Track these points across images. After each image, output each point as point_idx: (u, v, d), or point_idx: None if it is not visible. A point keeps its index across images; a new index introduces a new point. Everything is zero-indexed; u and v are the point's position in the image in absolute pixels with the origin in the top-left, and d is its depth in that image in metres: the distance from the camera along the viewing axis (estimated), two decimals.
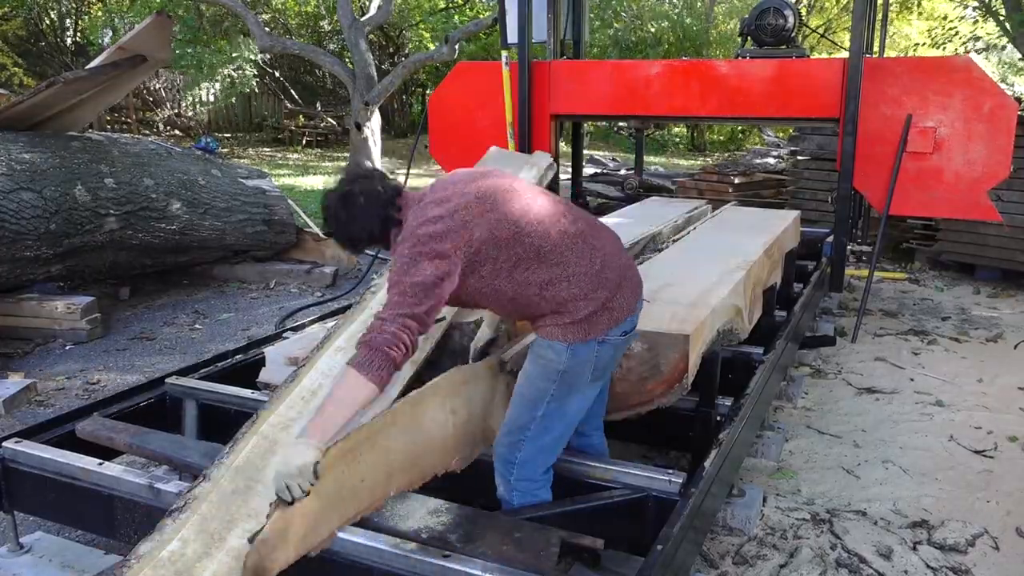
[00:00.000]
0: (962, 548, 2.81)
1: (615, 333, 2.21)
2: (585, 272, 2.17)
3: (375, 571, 1.99)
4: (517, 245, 2.13)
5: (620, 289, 2.22)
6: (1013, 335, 5.31)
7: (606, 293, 2.18)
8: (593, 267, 2.19)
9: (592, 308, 2.16)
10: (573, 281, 2.15)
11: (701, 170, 10.27)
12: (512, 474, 2.29)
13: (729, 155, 17.80)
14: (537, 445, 2.27)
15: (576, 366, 2.19)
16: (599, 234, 2.29)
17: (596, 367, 2.23)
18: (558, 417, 2.26)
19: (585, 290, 2.16)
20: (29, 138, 5.14)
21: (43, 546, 2.64)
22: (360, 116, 13.81)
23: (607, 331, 2.19)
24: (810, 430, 3.81)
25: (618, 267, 2.25)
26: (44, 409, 3.99)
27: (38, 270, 5.02)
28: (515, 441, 2.27)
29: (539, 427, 2.26)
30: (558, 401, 2.24)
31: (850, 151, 4.96)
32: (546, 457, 2.32)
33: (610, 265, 2.23)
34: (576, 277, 2.16)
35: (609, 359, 2.27)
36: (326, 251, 6.90)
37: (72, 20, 19.69)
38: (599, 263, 2.20)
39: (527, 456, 2.28)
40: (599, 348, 2.20)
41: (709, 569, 2.68)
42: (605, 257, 2.23)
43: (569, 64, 5.92)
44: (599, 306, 2.17)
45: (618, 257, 2.28)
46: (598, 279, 2.18)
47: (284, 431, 2.28)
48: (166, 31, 5.52)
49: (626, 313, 2.24)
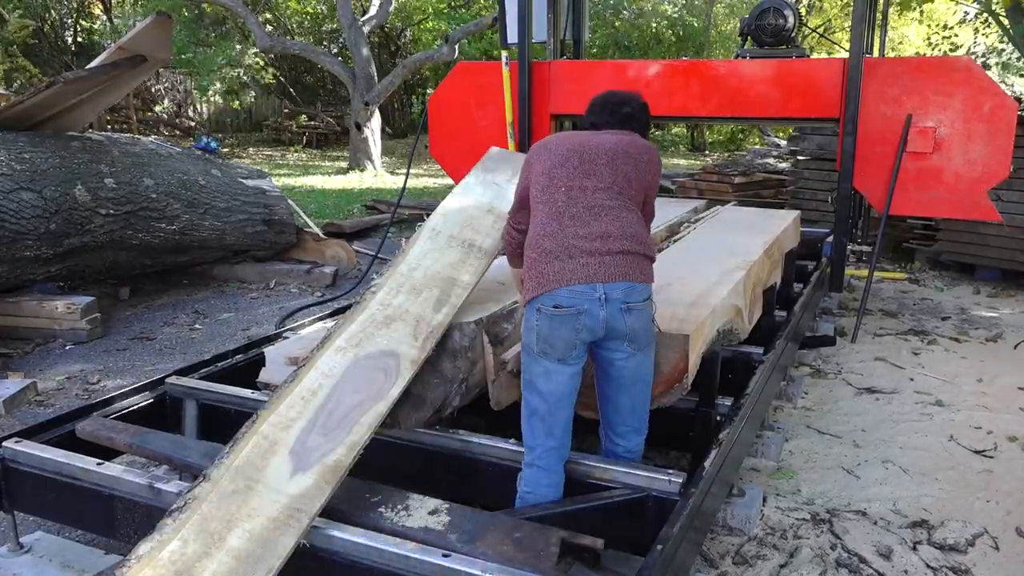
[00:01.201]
0: (962, 548, 2.81)
1: (546, 303, 2.30)
2: (534, 233, 2.41)
3: (375, 571, 1.99)
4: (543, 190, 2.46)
5: (556, 260, 2.33)
6: (1013, 335, 5.31)
7: (533, 255, 2.37)
8: (539, 232, 2.40)
9: (527, 267, 2.39)
10: (529, 237, 2.43)
11: (701, 170, 10.27)
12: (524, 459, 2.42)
13: (729, 155, 17.80)
14: (526, 422, 2.41)
15: (526, 330, 2.36)
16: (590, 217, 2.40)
17: (539, 336, 2.31)
18: (531, 390, 2.38)
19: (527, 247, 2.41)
20: (29, 138, 5.14)
21: (43, 546, 2.64)
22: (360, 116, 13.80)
23: (538, 296, 2.31)
24: (810, 430, 3.81)
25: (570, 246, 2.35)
26: (44, 409, 3.99)
27: (38, 270, 5.02)
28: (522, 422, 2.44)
29: (523, 402, 2.41)
30: (527, 371, 2.38)
31: (850, 151, 4.96)
32: (537, 437, 2.37)
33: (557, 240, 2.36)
34: (531, 234, 2.42)
35: (548, 331, 2.30)
36: (326, 251, 6.91)
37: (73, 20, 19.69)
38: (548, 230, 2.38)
39: (523, 434, 2.42)
40: (538, 316, 2.32)
41: (709, 569, 2.67)
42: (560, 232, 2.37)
43: (569, 64, 5.92)
44: (529, 266, 2.38)
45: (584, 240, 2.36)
46: (534, 243, 2.39)
47: (284, 431, 2.28)
48: (166, 31, 5.51)
49: (556, 284, 2.30)
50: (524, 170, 2.58)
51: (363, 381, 2.41)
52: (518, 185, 2.61)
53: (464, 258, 2.78)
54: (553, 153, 2.50)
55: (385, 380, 2.42)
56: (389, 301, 2.67)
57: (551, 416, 2.36)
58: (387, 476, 2.43)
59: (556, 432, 2.37)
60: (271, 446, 2.23)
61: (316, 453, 2.21)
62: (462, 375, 2.57)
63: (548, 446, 2.36)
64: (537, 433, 2.37)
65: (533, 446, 2.38)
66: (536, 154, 2.55)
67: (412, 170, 6.31)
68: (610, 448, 2.57)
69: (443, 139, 6.08)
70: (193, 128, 19.21)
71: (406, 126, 22.33)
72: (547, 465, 2.37)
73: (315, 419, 2.31)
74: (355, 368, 2.46)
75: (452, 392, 2.55)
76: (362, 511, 2.19)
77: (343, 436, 2.26)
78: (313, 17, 20.73)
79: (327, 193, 11.51)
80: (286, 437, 2.26)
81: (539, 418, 2.36)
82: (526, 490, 2.39)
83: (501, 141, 5.59)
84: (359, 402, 2.36)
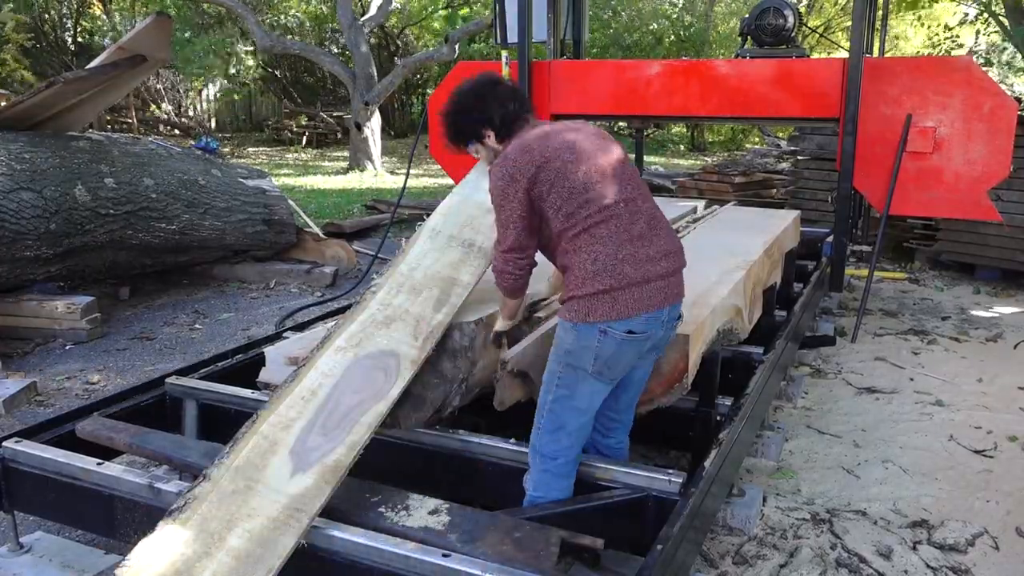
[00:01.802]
0: (962, 548, 2.81)
1: (618, 328, 2.19)
2: (604, 256, 2.20)
3: (375, 571, 1.99)
4: (574, 203, 2.23)
5: (635, 287, 2.20)
6: (1013, 335, 5.31)
7: (612, 282, 2.18)
8: (616, 256, 2.20)
9: (591, 290, 2.19)
10: (589, 259, 2.21)
11: (701, 170, 10.27)
12: (536, 460, 2.35)
13: (729, 155, 17.80)
14: (551, 434, 2.31)
15: (578, 349, 2.22)
16: (650, 234, 2.29)
17: (598, 358, 2.22)
18: (566, 403, 2.28)
19: (593, 272, 2.19)
20: (29, 138, 5.14)
21: (43, 546, 2.64)
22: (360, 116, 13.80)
23: (608, 321, 2.18)
24: (810, 430, 3.81)
25: (646, 270, 2.23)
26: (44, 409, 3.99)
27: (38, 270, 5.02)
28: (537, 429, 2.35)
29: (551, 415, 2.30)
30: (566, 387, 2.27)
31: (850, 151, 4.95)
32: (562, 449, 2.32)
33: (636, 263, 2.22)
34: (593, 256, 2.20)
35: (613, 355, 2.23)
36: (326, 251, 6.91)
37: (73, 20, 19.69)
38: (623, 255, 2.21)
39: (542, 443, 2.32)
40: (601, 338, 2.20)
41: (709, 569, 2.68)
42: (636, 254, 2.22)
43: (569, 64, 5.92)
44: (599, 291, 2.18)
45: (656, 263, 2.25)
46: (612, 268, 2.20)
47: (284, 431, 2.28)
48: (166, 31, 5.52)
49: (634, 311, 2.20)
50: (514, 189, 2.25)
51: (363, 381, 2.41)
52: (508, 210, 2.28)
53: (464, 258, 2.78)
54: (561, 160, 2.25)
55: (385, 380, 2.42)
56: (389, 301, 2.67)
57: (583, 429, 2.36)
58: (387, 476, 2.43)
59: (581, 441, 2.38)
60: (271, 446, 2.23)
61: (316, 453, 2.21)
62: (462, 375, 2.57)
63: (572, 456, 2.36)
64: (562, 446, 2.33)
65: (555, 455, 2.33)
66: (529, 166, 2.24)
67: (412, 170, 6.30)
68: (599, 441, 2.58)
69: (443, 139, 6.07)
70: (193, 128, 19.22)
71: (406, 126, 22.33)
72: (568, 472, 2.37)
73: (315, 419, 2.31)
74: (355, 368, 2.46)
75: (452, 392, 2.55)
76: (362, 511, 2.19)
77: (343, 436, 2.26)
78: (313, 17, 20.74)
79: (327, 193, 11.51)
80: (286, 437, 2.26)
81: (568, 433, 2.32)
82: (537, 494, 2.36)
83: None
84: (359, 402, 2.36)
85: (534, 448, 2.36)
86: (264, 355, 3.11)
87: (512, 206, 2.28)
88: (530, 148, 2.27)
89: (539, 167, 2.24)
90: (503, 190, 2.28)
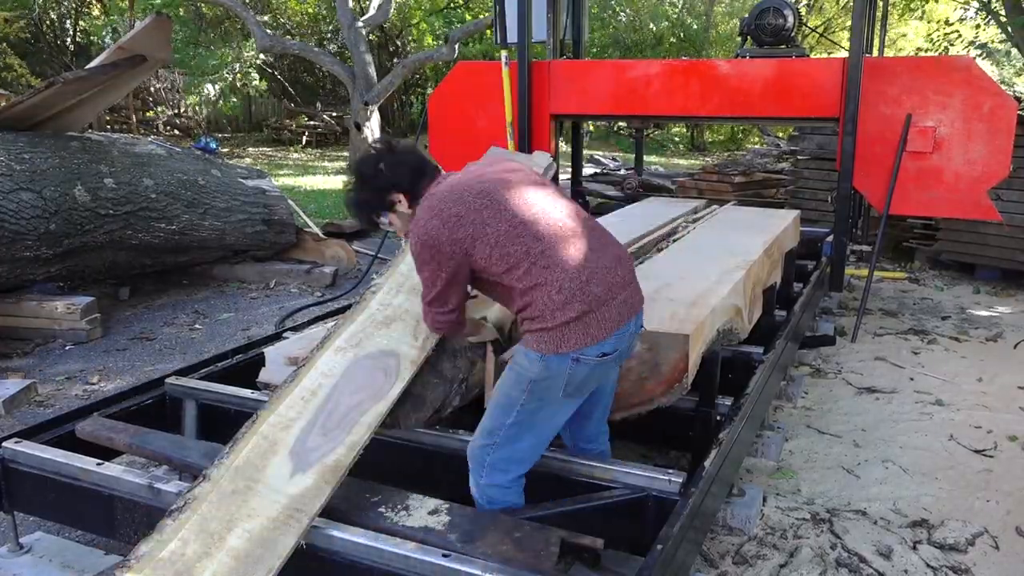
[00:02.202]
0: (962, 548, 2.81)
1: (591, 353, 2.12)
2: (568, 281, 2.10)
3: (375, 571, 1.99)
4: (509, 244, 2.12)
5: (604, 306, 2.13)
6: (1013, 335, 5.31)
7: (583, 307, 2.09)
8: (579, 278, 2.11)
9: (564, 319, 2.09)
10: (554, 288, 2.09)
11: (701, 170, 10.26)
12: (482, 477, 2.27)
13: (729, 155, 17.80)
14: (506, 453, 2.24)
15: (547, 379, 2.14)
16: (600, 246, 2.22)
17: (569, 384, 2.15)
18: (527, 427, 2.21)
19: (562, 301, 2.09)
20: (29, 138, 5.14)
21: (43, 546, 2.64)
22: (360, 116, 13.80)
23: (581, 348, 2.10)
24: (810, 430, 3.81)
25: (610, 284, 2.16)
26: (44, 409, 3.99)
27: (38, 270, 5.02)
28: (486, 444, 2.25)
29: (507, 435, 2.22)
30: (528, 412, 2.19)
31: (850, 151, 4.96)
32: (516, 466, 2.27)
33: (600, 280, 2.14)
34: (557, 285, 2.09)
35: (585, 378, 2.17)
36: (326, 251, 6.91)
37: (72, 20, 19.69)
38: (586, 275, 2.12)
39: (495, 461, 2.25)
40: (573, 366, 2.12)
41: (709, 569, 2.68)
42: (597, 270, 2.14)
43: (569, 64, 5.92)
44: (572, 319, 2.09)
45: (613, 273, 2.19)
46: (580, 291, 2.10)
47: (284, 431, 2.28)
48: (166, 31, 5.52)
49: (606, 333, 2.13)
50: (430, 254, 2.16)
51: (363, 381, 2.41)
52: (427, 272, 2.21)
53: None
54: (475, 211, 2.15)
55: (385, 380, 2.42)
56: (389, 301, 2.67)
57: (541, 447, 2.31)
58: (387, 476, 2.42)
59: (536, 457, 2.32)
60: (271, 446, 2.23)
61: (316, 453, 2.21)
62: (462, 375, 2.57)
63: (525, 470, 2.31)
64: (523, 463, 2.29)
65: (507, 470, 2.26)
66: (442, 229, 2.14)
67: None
68: (584, 448, 2.57)
69: (443, 139, 6.07)
70: (192, 128, 19.22)
71: (406, 126, 22.33)
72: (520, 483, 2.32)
73: (315, 419, 2.31)
74: (355, 368, 2.46)
75: (452, 392, 2.55)
76: (362, 511, 2.18)
77: (343, 436, 2.26)
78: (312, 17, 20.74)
79: (327, 193, 11.51)
80: (286, 437, 2.26)
81: (536, 452, 2.29)
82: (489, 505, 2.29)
83: (501, 141, 5.59)
84: (359, 402, 2.36)
85: (479, 460, 2.27)
86: (264, 355, 3.11)
87: (431, 268, 2.20)
88: (439, 210, 2.17)
89: (453, 228, 2.14)
90: (420, 256, 2.20)
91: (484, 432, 2.26)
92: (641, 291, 2.32)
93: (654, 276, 3.28)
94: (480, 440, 2.27)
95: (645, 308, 2.35)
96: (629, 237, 3.98)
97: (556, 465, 2.48)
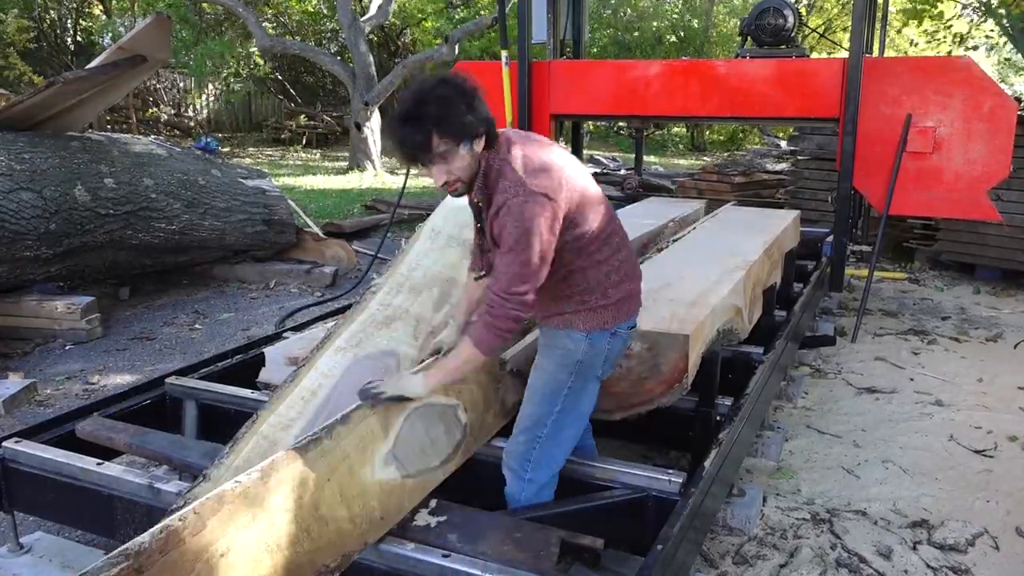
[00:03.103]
0: (962, 548, 2.81)
1: (624, 327, 2.26)
2: (625, 259, 2.24)
3: (375, 571, 1.99)
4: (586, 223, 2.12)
5: (636, 287, 2.31)
6: (1013, 335, 5.31)
7: (633, 284, 2.27)
8: (630, 260, 2.27)
9: (619, 296, 2.21)
10: (612, 267, 2.20)
11: (701, 170, 10.26)
12: (527, 472, 2.29)
13: (729, 155, 17.80)
14: (555, 442, 2.28)
15: (592, 356, 2.21)
16: (622, 226, 2.35)
17: (608, 360, 2.27)
18: (573, 412, 2.28)
19: (621, 277, 2.22)
20: (29, 138, 5.14)
21: (43, 546, 2.64)
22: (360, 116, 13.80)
23: (621, 323, 2.24)
24: (810, 430, 3.81)
25: (638, 269, 2.34)
26: (44, 409, 3.99)
27: (38, 270, 5.02)
28: (532, 438, 2.27)
29: (556, 423, 2.26)
30: (575, 394, 2.25)
31: (850, 151, 4.96)
32: (562, 454, 2.32)
33: (634, 263, 2.31)
34: (616, 263, 2.21)
35: (618, 352, 2.31)
36: (326, 251, 6.91)
37: (72, 20, 19.68)
38: (632, 260, 2.29)
39: (543, 454, 2.28)
40: (611, 340, 2.23)
41: (709, 569, 2.68)
42: (630, 256, 2.31)
43: (569, 64, 5.92)
44: (625, 295, 2.23)
45: (636, 259, 2.38)
46: (633, 269, 2.28)
47: (284, 431, 2.28)
48: (166, 31, 5.52)
49: (636, 307, 2.31)
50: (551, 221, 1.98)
51: (363, 381, 2.41)
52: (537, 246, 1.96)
53: (464, 258, 2.78)
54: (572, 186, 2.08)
55: None
56: (389, 301, 2.67)
57: (579, 433, 2.37)
58: None
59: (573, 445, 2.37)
60: (271, 446, 2.23)
61: None
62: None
63: (561, 466, 2.35)
64: (564, 451, 2.32)
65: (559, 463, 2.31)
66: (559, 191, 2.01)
67: (412, 170, 6.30)
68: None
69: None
70: (193, 128, 19.21)
71: None
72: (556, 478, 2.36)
73: (315, 419, 2.31)
74: (355, 368, 2.46)
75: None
76: None
77: None
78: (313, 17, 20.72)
79: (327, 193, 11.51)
80: (286, 437, 2.26)
81: (571, 438, 2.32)
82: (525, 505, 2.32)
83: None
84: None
85: (524, 457, 2.27)
86: (264, 355, 3.12)
87: (546, 240, 1.97)
88: (548, 170, 2.01)
89: (564, 189, 2.02)
90: (539, 224, 1.94)
91: (529, 426, 2.28)
92: None
93: (654, 276, 3.28)
94: (525, 435, 2.28)
95: (645, 308, 2.40)
96: (629, 237, 3.98)
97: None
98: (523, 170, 2.00)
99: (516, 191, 1.97)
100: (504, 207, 1.97)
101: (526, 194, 1.96)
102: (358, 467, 1.98)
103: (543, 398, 2.26)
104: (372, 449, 2.03)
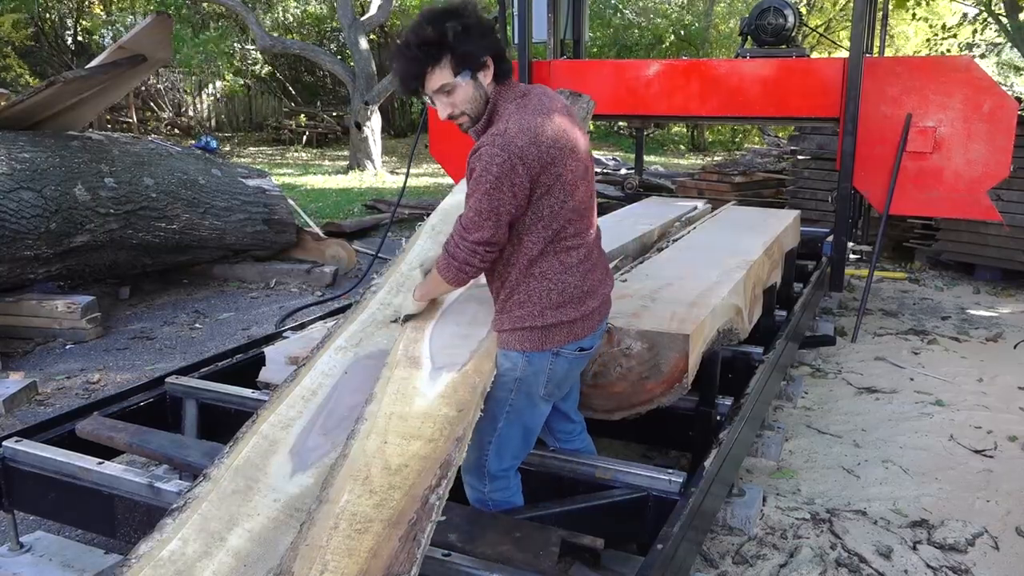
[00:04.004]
0: (962, 548, 2.81)
1: (571, 348, 2.15)
2: (573, 288, 2.11)
3: None
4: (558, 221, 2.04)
5: (592, 311, 2.16)
6: (1013, 335, 5.31)
7: (575, 313, 2.11)
8: (584, 284, 2.13)
9: (556, 321, 2.10)
10: (560, 288, 2.10)
11: (701, 170, 10.27)
12: (485, 486, 2.26)
13: (729, 155, 17.80)
14: (503, 456, 2.24)
15: (530, 375, 2.14)
16: (600, 254, 2.26)
17: (550, 381, 2.17)
18: (517, 427, 2.22)
19: (558, 303, 2.09)
20: (29, 138, 5.14)
21: (43, 546, 2.64)
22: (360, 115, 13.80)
23: (563, 345, 2.13)
24: (810, 430, 3.81)
25: (603, 295, 2.22)
26: (44, 408, 3.99)
27: (38, 270, 5.02)
28: (481, 454, 2.23)
29: (501, 438, 2.22)
30: (517, 413, 2.19)
31: (850, 151, 4.96)
32: (514, 463, 2.29)
33: (595, 284, 2.17)
34: (564, 286, 2.10)
35: (564, 374, 2.20)
36: (326, 251, 6.91)
37: (72, 20, 19.68)
38: (589, 282, 2.15)
39: (495, 468, 2.25)
40: (554, 360, 2.14)
41: (709, 569, 2.68)
42: (596, 273, 2.19)
43: (569, 64, 5.92)
44: (562, 321, 2.11)
45: (605, 285, 2.24)
46: (579, 298, 2.12)
47: (284, 431, 2.28)
48: (166, 31, 5.51)
49: (588, 331, 2.17)
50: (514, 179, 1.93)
51: (363, 381, 2.41)
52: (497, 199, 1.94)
53: None
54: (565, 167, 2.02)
55: None
56: (389, 301, 2.67)
57: (527, 448, 2.31)
58: None
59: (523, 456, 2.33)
60: (271, 446, 2.23)
61: (316, 453, 2.21)
62: None
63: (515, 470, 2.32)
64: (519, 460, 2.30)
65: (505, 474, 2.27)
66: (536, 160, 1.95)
67: (412, 170, 6.30)
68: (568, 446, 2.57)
69: (443, 139, 6.08)
70: (193, 128, 19.22)
71: (406, 126, 22.31)
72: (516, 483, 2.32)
73: (315, 419, 2.31)
74: (355, 368, 2.46)
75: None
76: None
77: (343, 436, 2.26)
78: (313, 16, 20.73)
79: (327, 193, 11.51)
80: (286, 437, 2.26)
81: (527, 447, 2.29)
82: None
83: None
84: (359, 402, 2.36)
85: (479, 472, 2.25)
86: (264, 355, 3.12)
87: (505, 197, 1.94)
88: (537, 137, 1.94)
89: (545, 165, 1.96)
90: (498, 176, 1.91)
91: (477, 440, 2.20)
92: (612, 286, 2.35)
93: (654, 276, 3.28)
94: (475, 453, 2.23)
95: (645, 308, 2.37)
96: (629, 237, 3.98)
97: (556, 465, 2.48)
98: (517, 125, 1.97)
99: (494, 140, 1.95)
100: (479, 150, 1.97)
101: (502, 146, 1.93)
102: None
103: (488, 419, 2.19)
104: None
